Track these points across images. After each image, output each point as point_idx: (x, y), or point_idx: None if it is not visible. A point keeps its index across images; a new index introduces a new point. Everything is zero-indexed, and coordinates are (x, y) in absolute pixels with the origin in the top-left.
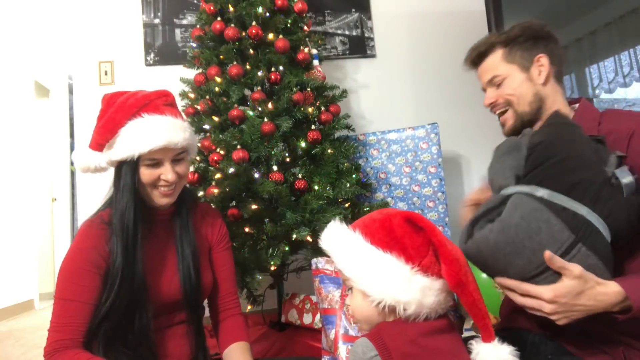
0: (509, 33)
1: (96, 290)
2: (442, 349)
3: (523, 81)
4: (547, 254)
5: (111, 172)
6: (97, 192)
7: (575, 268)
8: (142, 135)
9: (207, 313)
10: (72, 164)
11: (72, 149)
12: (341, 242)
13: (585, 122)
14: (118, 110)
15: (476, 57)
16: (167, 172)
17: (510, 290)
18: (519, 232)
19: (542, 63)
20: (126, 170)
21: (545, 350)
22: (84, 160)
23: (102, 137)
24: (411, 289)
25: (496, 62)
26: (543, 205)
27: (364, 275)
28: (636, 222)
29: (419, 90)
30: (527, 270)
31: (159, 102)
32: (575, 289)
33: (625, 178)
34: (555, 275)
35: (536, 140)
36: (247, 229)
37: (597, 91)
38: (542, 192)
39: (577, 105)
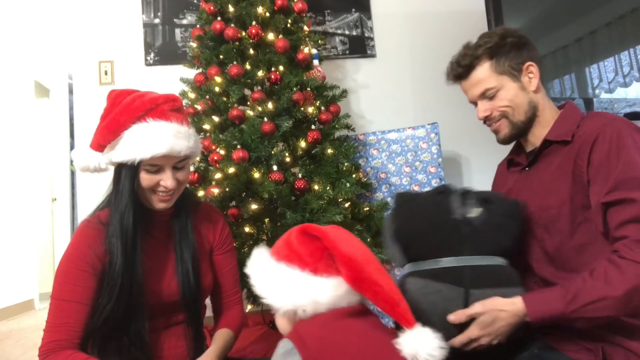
0: (490, 43)
1: (92, 290)
2: (354, 328)
3: (517, 91)
4: (451, 318)
5: (111, 171)
6: (97, 192)
7: (476, 307)
8: (145, 141)
9: (207, 313)
10: (72, 163)
11: (72, 149)
12: (256, 264)
13: (565, 125)
14: (123, 112)
15: (463, 72)
16: (167, 179)
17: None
18: (422, 316)
19: (531, 71)
20: (126, 173)
21: (532, 345)
22: (83, 160)
23: (104, 138)
24: (305, 291)
25: (485, 75)
26: (426, 278)
27: (267, 289)
28: (519, 233)
29: (419, 90)
30: (452, 334)
31: (166, 107)
32: (487, 320)
33: (469, 214)
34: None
35: (390, 229)
36: (247, 229)
37: (597, 91)
38: (421, 265)
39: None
